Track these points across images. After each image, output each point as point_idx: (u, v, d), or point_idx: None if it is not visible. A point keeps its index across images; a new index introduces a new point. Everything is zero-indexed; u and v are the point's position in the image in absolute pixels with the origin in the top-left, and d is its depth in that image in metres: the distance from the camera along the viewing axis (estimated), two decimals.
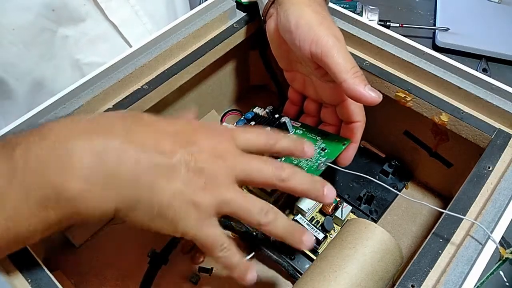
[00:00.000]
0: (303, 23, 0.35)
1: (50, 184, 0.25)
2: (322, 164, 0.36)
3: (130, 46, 0.50)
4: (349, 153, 0.38)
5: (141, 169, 0.26)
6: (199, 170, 0.27)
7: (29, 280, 0.27)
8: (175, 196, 0.27)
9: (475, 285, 0.27)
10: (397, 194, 0.44)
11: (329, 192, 0.30)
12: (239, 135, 0.30)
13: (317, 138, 0.40)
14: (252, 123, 0.43)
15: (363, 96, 0.32)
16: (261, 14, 0.41)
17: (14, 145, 0.25)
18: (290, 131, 0.41)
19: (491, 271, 0.28)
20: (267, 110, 0.45)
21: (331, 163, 0.36)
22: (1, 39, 0.41)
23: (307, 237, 0.30)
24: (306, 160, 0.38)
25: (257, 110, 0.45)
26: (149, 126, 0.28)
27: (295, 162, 0.38)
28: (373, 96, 0.32)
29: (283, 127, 0.41)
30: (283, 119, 0.41)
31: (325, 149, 0.38)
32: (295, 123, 0.42)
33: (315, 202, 0.40)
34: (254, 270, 0.29)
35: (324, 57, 0.33)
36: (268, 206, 0.29)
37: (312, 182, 0.30)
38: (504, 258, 0.28)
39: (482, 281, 0.27)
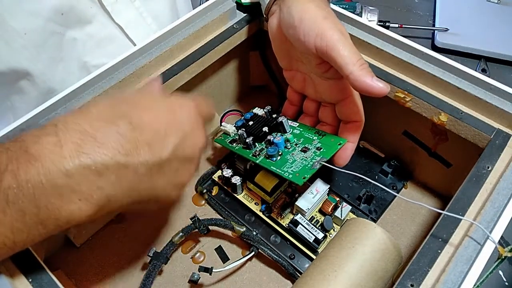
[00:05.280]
0: (307, 17, 0.35)
1: (46, 209, 0.24)
2: (316, 163, 0.36)
3: None
4: (347, 153, 0.38)
5: (140, 176, 0.27)
6: (186, 159, 0.31)
7: (30, 280, 0.27)
8: (168, 187, 0.30)
9: (474, 285, 0.27)
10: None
11: None
12: (202, 110, 0.34)
13: (313, 138, 0.40)
14: (250, 122, 0.44)
15: (371, 87, 0.32)
16: (263, 12, 0.41)
17: (0, 173, 0.24)
18: (287, 131, 0.42)
19: (490, 269, 0.28)
20: (265, 110, 0.45)
21: (326, 162, 0.36)
22: (13, 43, 0.42)
23: None
24: (301, 159, 0.38)
25: (256, 110, 0.46)
26: (139, 129, 0.28)
27: (291, 161, 0.38)
28: (381, 86, 0.32)
29: (280, 127, 0.42)
30: (280, 119, 0.41)
31: (321, 148, 0.38)
32: (293, 123, 0.43)
33: (314, 201, 0.40)
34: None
35: (329, 50, 0.33)
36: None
37: None
38: (503, 257, 0.28)
39: (481, 280, 0.27)
